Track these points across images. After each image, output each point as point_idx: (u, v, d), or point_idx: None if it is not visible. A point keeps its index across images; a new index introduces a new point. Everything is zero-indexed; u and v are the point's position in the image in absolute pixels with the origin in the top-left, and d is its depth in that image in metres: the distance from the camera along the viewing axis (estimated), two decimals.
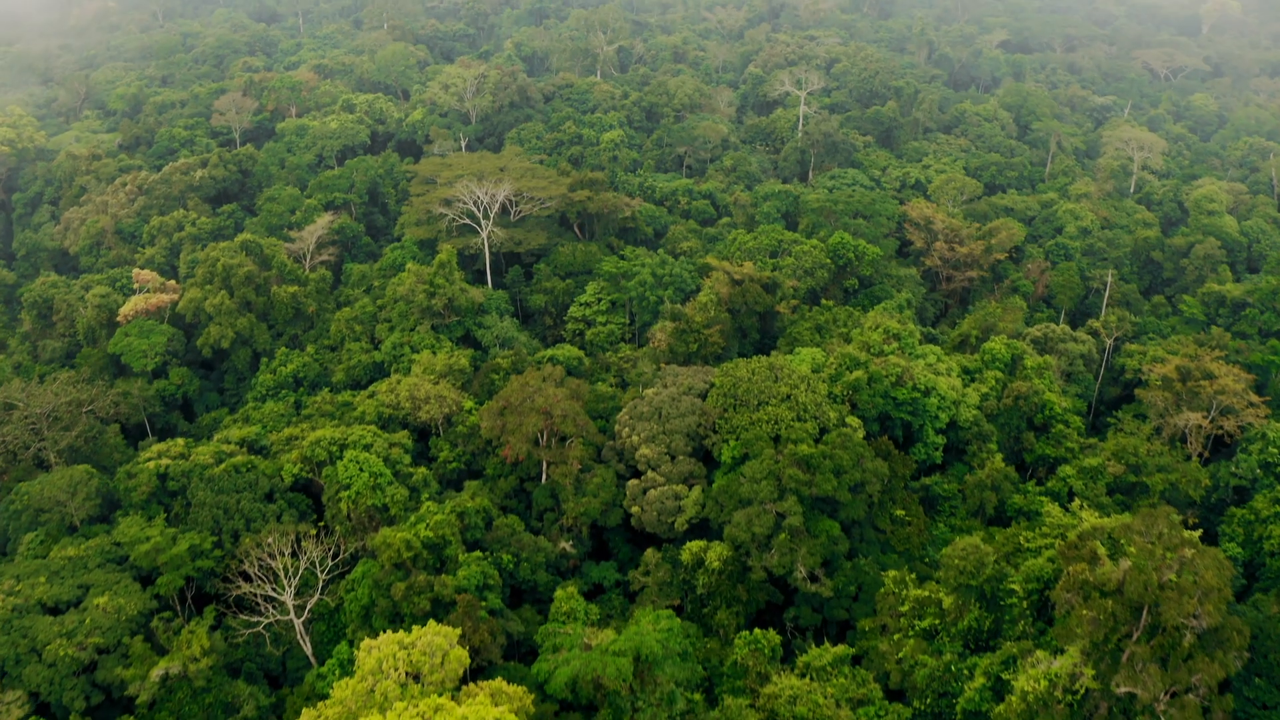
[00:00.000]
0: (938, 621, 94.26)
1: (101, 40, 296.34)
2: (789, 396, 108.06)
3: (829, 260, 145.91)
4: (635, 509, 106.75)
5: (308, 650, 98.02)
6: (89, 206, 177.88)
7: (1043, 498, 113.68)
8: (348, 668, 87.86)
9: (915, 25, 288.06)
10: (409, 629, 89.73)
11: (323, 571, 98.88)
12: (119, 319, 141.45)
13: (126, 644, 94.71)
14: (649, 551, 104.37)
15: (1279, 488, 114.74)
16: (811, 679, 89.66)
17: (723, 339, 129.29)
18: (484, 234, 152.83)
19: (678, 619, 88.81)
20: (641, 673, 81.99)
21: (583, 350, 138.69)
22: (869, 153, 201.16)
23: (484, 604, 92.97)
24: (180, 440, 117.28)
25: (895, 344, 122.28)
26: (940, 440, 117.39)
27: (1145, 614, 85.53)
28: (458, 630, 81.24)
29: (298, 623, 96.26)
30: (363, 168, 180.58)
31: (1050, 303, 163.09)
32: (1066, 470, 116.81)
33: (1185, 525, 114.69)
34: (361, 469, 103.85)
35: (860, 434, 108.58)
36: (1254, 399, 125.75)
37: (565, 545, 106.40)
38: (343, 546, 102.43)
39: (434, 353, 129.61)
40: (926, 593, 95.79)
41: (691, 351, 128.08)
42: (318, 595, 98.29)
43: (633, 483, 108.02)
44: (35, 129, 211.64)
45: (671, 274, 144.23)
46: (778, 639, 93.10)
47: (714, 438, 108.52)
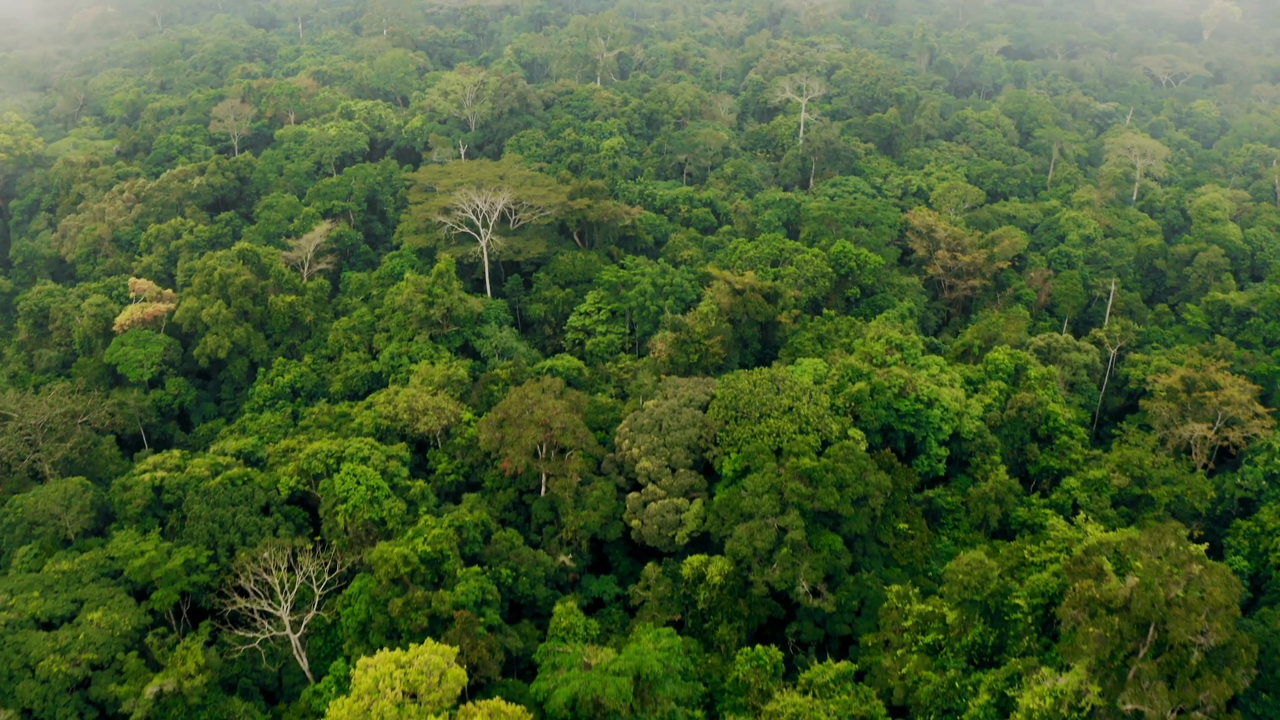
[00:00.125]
0: (941, 637, 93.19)
1: (100, 46, 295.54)
2: (791, 409, 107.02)
3: (830, 269, 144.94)
4: (635, 522, 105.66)
5: (304, 666, 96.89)
6: (86, 214, 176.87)
7: (1047, 510, 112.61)
8: (344, 685, 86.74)
9: (916, 31, 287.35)
10: (406, 645, 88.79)
11: (319, 586, 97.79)
12: (115, 328, 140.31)
13: (120, 660, 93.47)
14: (649, 566, 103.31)
15: None
16: (814, 696, 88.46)
17: (724, 349, 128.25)
18: (483, 242, 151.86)
19: (678, 637, 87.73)
20: (642, 692, 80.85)
21: (582, 360, 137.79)
22: (870, 160, 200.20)
23: (482, 620, 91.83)
24: (176, 452, 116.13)
25: (898, 355, 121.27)
26: (943, 452, 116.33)
27: (1152, 631, 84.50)
28: (455, 649, 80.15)
29: (294, 638, 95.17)
30: (361, 175, 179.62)
31: (1053, 311, 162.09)
32: (1071, 482, 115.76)
33: (1190, 538, 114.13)
34: (359, 482, 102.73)
35: (863, 446, 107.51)
36: (1259, 410, 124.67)
37: (565, 559, 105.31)
38: (339, 561, 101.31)
39: (432, 363, 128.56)
40: (930, 608, 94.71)
41: (692, 362, 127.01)
42: (314, 610, 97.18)
43: (633, 496, 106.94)
44: (32, 135, 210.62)
45: (672, 283, 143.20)
46: (780, 655, 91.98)
47: (715, 450, 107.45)
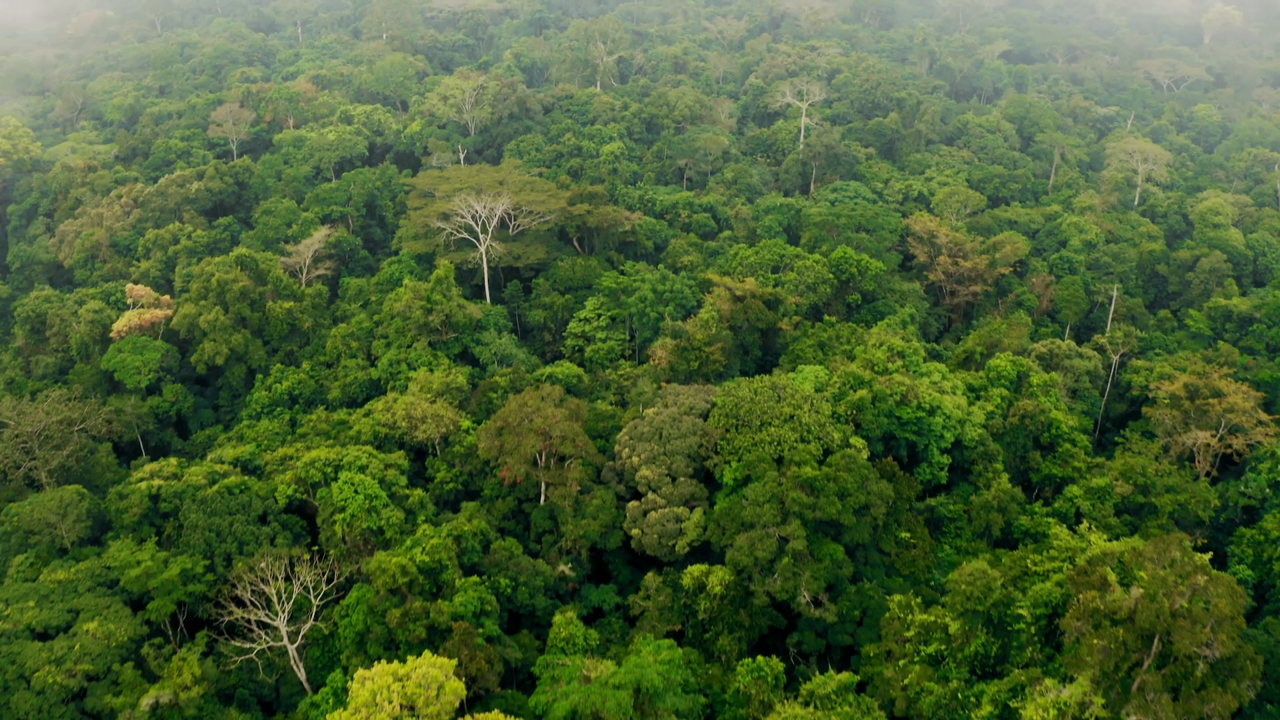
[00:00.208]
0: (944, 647, 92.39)
1: (99, 50, 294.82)
2: (792, 417, 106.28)
3: (831, 275, 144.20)
4: (635, 531, 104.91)
5: (302, 677, 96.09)
6: (84, 219, 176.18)
7: (1050, 519, 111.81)
8: (342, 697, 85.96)
9: (917, 35, 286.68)
10: (404, 656, 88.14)
11: (316, 596, 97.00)
12: (112, 335, 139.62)
13: (116, 671, 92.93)
14: (649, 575, 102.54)
15: None
16: (815, 708, 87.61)
17: (724, 357, 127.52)
18: (482, 248, 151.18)
19: (679, 649, 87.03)
20: (642, 705, 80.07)
21: (582, 367, 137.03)
22: (871, 165, 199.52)
23: (481, 631, 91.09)
24: (173, 460, 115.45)
25: (899, 362, 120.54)
26: (945, 460, 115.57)
27: (1156, 642, 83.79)
28: (453, 661, 79.38)
29: (291, 649, 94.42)
30: (360, 180, 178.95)
31: (1055, 317, 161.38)
32: (1074, 490, 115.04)
33: (1194, 546, 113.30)
34: (356, 491, 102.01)
35: (864, 455, 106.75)
36: (1263, 417, 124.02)
37: (564, 568, 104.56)
38: (337, 571, 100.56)
39: (431, 370, 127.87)
40: (932, 617, 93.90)
41: (693, 369, 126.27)
42: (312, 621, 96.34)
43: (633, 504, 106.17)
44: (31, 140, 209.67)
45: (672, 290, 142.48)
46: (781, 666, 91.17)
47: (716, 459, 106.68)
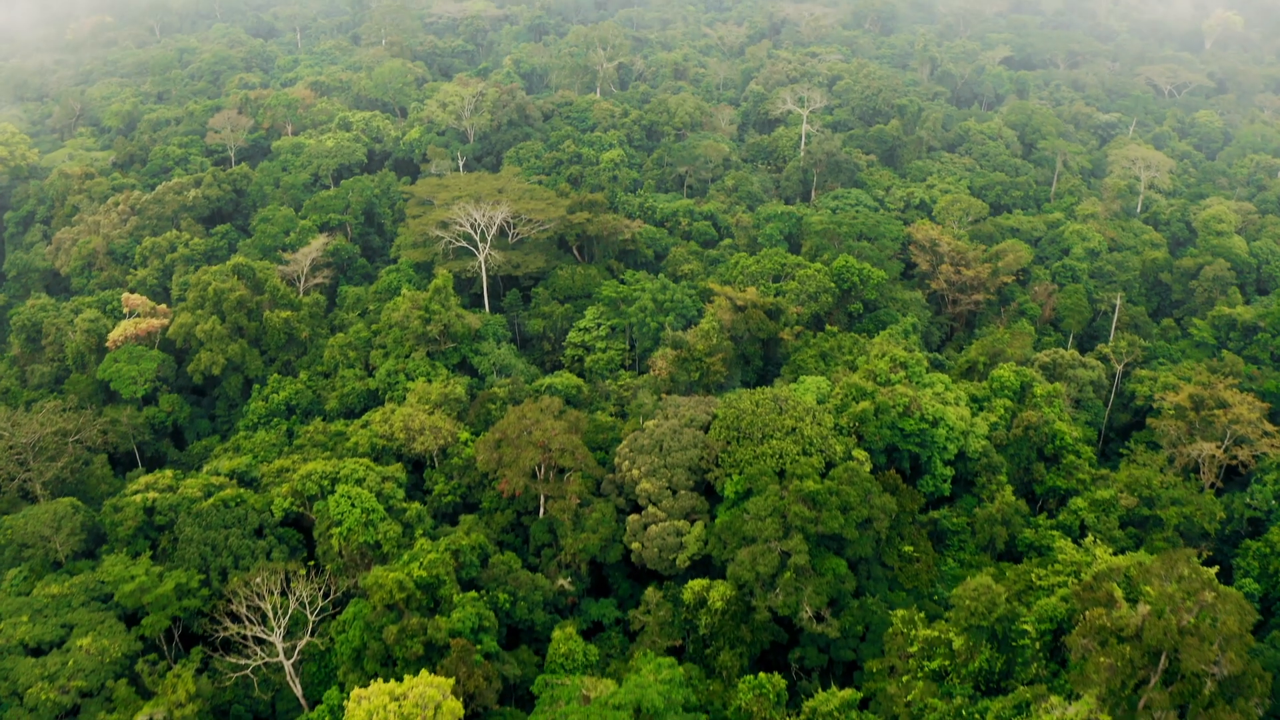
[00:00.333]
0: (948, 663, 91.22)
1: (97, 55, 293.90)
2: (794, 429, 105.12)
3: (833, 284, 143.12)
4: (635, 545, 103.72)
5: (298, 693, 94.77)
6: (81, 226, 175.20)
7: (1054, 532, 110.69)
8: (338, 714, 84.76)
9: (917, 42, 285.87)
10: (401, 673, 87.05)
11: (313, 611, 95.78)
12: (108, 344, 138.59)
13: (110, 688, 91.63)
14: (649, 590, 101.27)
15: None
16: None
17: (725, 367, 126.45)
18: (481, 257, 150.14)
19: (679, 667, 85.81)
20: None
21: (581, 378, 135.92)
22: (872, 172, 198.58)
23: (479, 647, 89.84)
24: (168, 472, 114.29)
25: (902, 372, 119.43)
26: (948, 472, 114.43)
27: (1163, 659, 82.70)
28: (451, 680, 78.20)
29: (287, 664, 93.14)
30: (358, 188, 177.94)
31: (1058, 326, 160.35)
32: (1078, 503, 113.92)
33: (1199, 559, 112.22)
34: (353, 504, 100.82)
35: (867, 467, 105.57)
36: (1268, 428, 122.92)
37: (563, 582, 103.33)
38: (334, 585, 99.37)
39: (429, 380, 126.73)
40: (936, 633, 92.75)
41: (693, 380, 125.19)
42: (308, 637, 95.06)
43: (633, 518, 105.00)
44: (28, 147, 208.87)
45: (673, 299, 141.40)
46: (783, 683, 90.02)
47: (717, 471, 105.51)
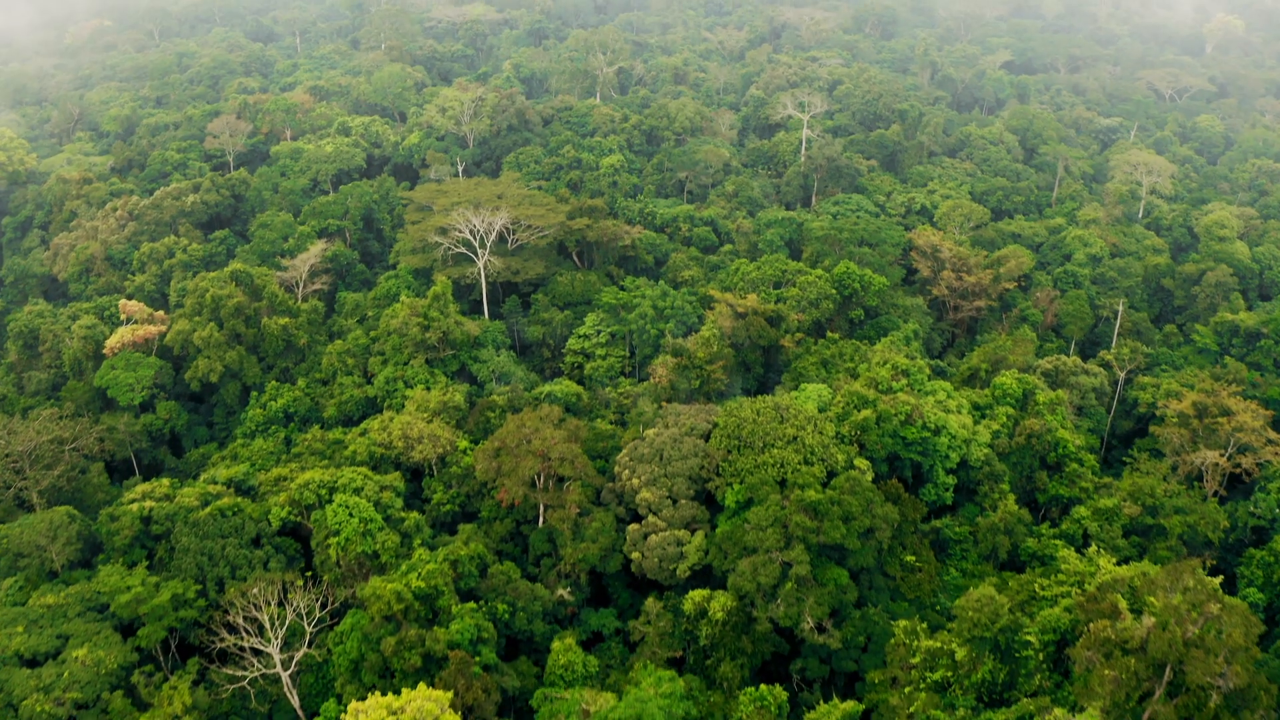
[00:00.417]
0: (950, 674, 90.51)
1: (96, 60, 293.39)
2: (795, 438, 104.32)
3: (834, 291, 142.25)
4: (635, 555, 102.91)
5: (295, 704, 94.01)
6: (79, 232, 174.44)
7: (1057, 541, 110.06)
8: None
9: (918, 46, 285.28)
10: (399, 685, 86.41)
11: (310, 622, 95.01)
12: (105, 351, 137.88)
13: (106, 700, 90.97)
14: (650, 600, 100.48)
15: None
16: None
17: (726, 375, 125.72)
18: (480, 263, 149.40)
19: (680, 680, 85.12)
20: None
21: (581, 385, 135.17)
22: (873, 177, 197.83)
23: (478, 659, 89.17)
24: (165, 481, 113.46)
25: (904, 380, 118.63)
26: (951, 480, 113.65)
27: (1168, 671, 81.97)
28: (449, 694, 77.47)
29: (285, 676, 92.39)
30: (357, 193, 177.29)
31: (1059, 332, 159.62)
32: (1081, 511, 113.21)
33: (1201, 565, 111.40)
34: (351, 514, 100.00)
35: (869, 476, 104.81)
36: (1272, 436, 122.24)
37: (563, 592, 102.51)
38: (331, 595, 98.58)
39: (428, 388, 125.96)
40: (938, 644, 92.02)
41: (694, 388, 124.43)
42: (305, 648, 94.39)
43: (633, 527, 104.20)
44: (26, 151, 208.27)
45: (673, 306, 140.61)
46: (784, 695, 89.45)
47: (717, 481, 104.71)
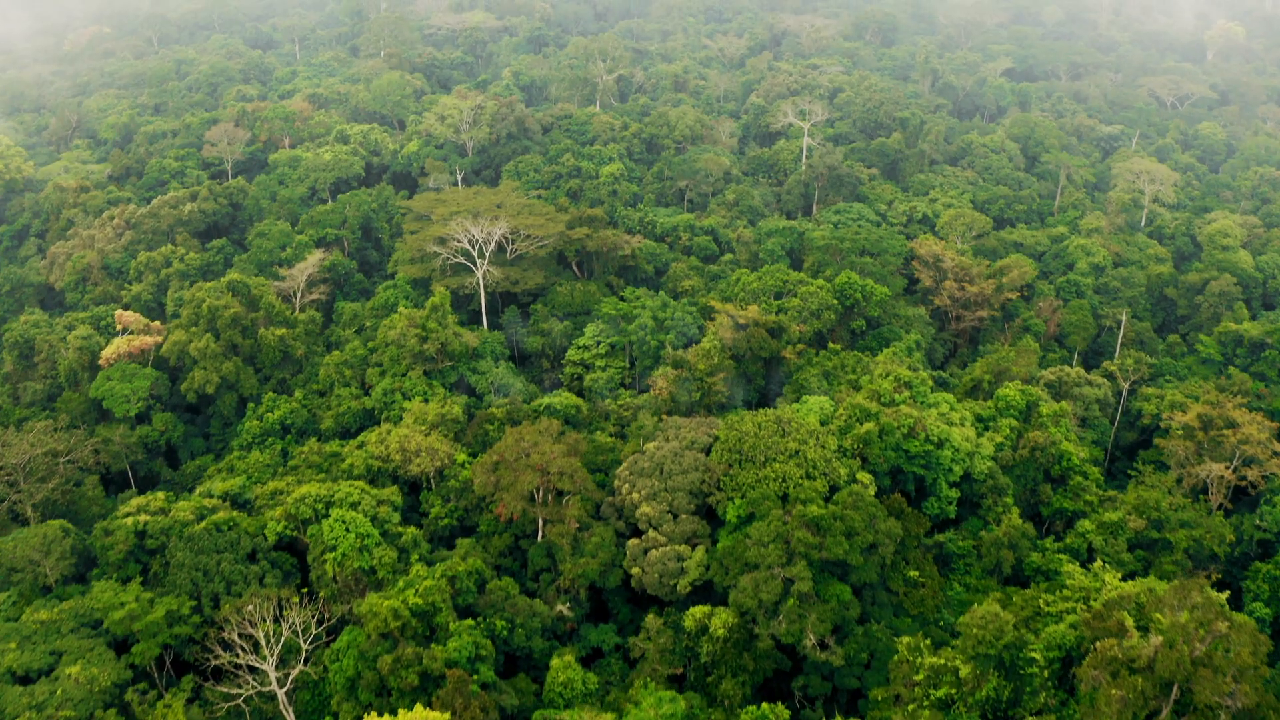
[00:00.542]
0: (954, 691, 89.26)
1: (95, 66, 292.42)
2: (797, 452, 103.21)
3: (835, 301, 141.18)
4: (636, 570, 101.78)
5: None
6: (75, 241, 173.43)
7: (1061, 555, 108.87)
8: None
9: (919, 53, 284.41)
10: (396, 703, 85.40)
11: (306, 640, 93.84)
12: (101, 362, 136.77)
13: (99, 717, 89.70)
14: (650, 617, 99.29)
15: None
16: None
17: (727, 387, 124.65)
18: (479, 273, 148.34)
19: (680, 700, 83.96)
20: None
21: (581, 397, 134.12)
22: (874, 185, 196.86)
23: (476, 677, 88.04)
24: (160, 494, 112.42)
25: (906, 392, 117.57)
26: (954, 494, 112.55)
27: (1175, 690, 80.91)
28: (446, 715, 76.34)
29: (280, 694, 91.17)
30: (356, 202, 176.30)
31: (1062, 342, 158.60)
32: (1086, 525, 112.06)
33: (1207, 578, 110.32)
34: (348, 529, 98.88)
35: (871, 490, 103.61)
36: (1278, 448, 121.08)
37: (562, 608, 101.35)
38: (327, 612, 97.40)
39: (426, 400, 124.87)
40: (942, 660, 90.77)
41: (694, 400, 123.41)
42: (301, 665, 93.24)
43: (633, 542, 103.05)
44: (23, 159, 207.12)
45: (673, 317, 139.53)
46: (786, 713, 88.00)
47: (718, 495, 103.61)
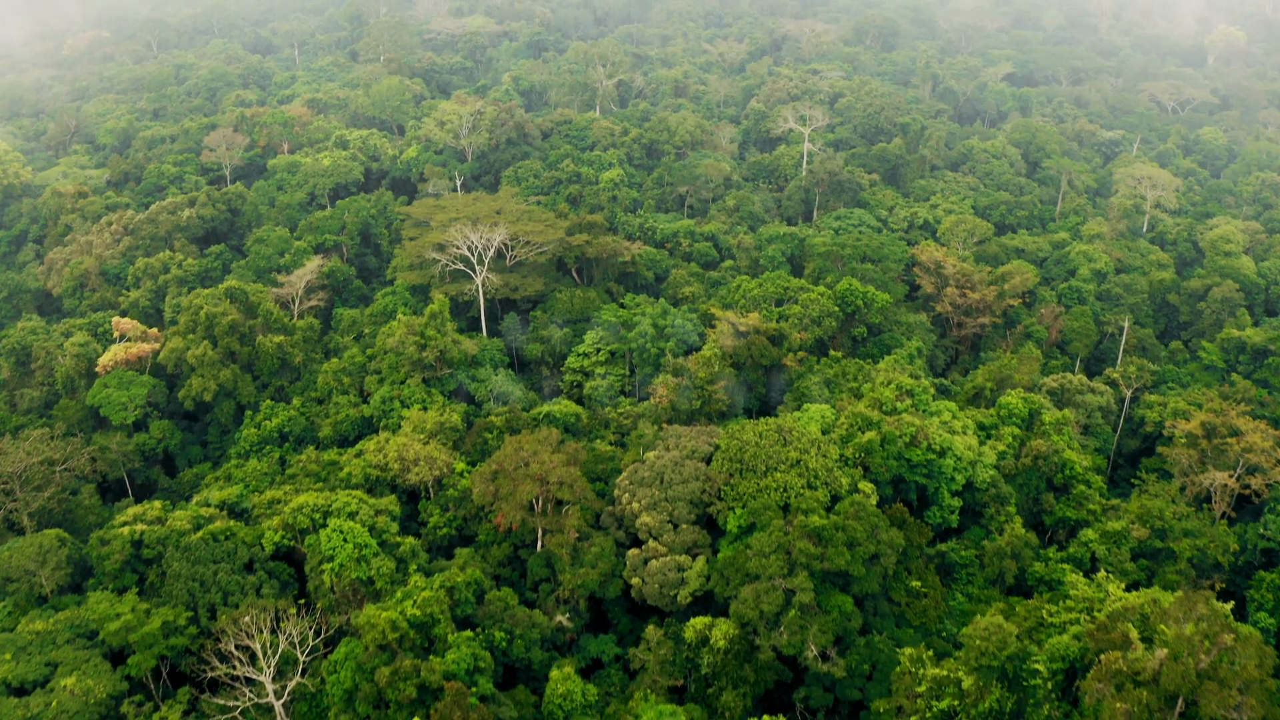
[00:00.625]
0: (957, 703, 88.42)
1: (94, 71, 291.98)
2: (798, 461, 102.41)
3: (837, 308, 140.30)
4: (636, 580, 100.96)
5: None
6: (73, 246, 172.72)
7: (1064, 565, 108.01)
8: None
9: (919, 58, 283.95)
10: (394, 716, 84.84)
11: (303, 651, 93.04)
12: (98, 369, 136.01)
13: None
14: (650, 628, 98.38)
15: None
16: None
17: (727, 395, 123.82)
18: (479, 280, 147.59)
19: (681, 713, 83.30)
20: None
21: (581, 404, 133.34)
22: (875, 191, 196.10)
23: (474, 689, 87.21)
24: (157, 503, 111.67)
25: (908, 400, 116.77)
26: (956, 503, 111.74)
27: (1180, 703, 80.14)
28: None
29: (278, 706, 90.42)
30: (355, 208, 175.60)
31: (1064, 349, 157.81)
32: (1089, 534, 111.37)
33: (1211, 588, 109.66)
34: (345, 539, 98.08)
35: (873, 500, 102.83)
36: None
37: (562, 619, 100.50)
38: (325, 623, 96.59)
39: (425, 408, 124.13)
40: (945, 672, 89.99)
41: (695, 409, 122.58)
42: (298, 677, 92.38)
43: (633, 552, 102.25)
44: (21, 164, 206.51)
45: (673, 325, 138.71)
46: None
47: (719, 505, 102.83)
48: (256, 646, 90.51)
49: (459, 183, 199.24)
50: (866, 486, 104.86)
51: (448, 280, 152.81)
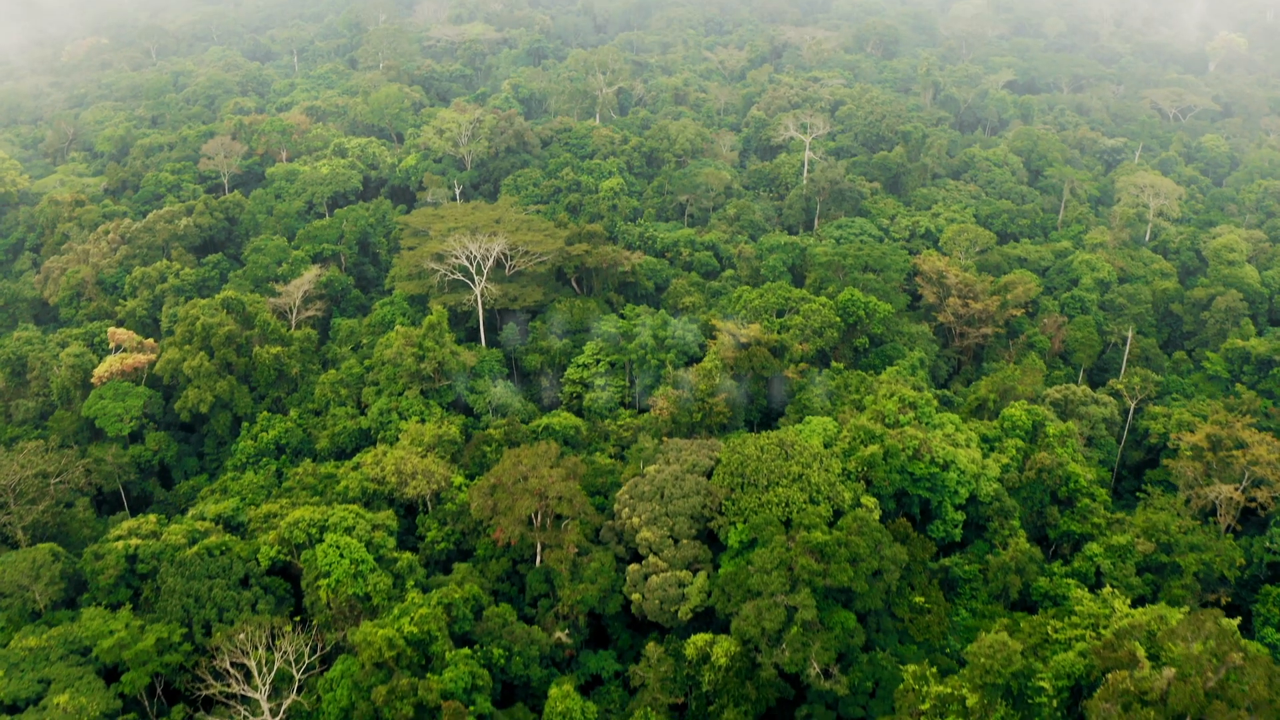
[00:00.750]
0: None
1: (92, 78, 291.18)
2: (800, 476, 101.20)
3: (838, 319, 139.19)
4: (636, 596, 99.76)
5: None
6: (70, 255, 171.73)
7: (1069, 580, 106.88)
8: None
9: (920, 66, 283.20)
10: None
11: (299, 669, 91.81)
12: (94, 380, 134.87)
13: None
14: (650, 645, 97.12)
15: None
16: None
17: (728, 408, 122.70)
18: (477, 290, 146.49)
19: None
20: None
21: (580, 416, 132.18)
22: (876, 200, 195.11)
23: (472, 708, 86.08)
24: (152, 517, 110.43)
25: (911, 413, 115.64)
26: (960, 517, 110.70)
27: None
28: None
29: None
30: (353, 217, 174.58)
31: (1067, 359, 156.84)
32: (1094, 548, 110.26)
33: (1217, 604, 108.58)
34: (342, 555, 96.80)
35: (876, 515, 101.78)
36: None
37: (561, 635, 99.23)
38: (321, 640, 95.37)
39: (423, 420, 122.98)
40: (949, 689, 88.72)
41: (695, 421, 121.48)
42: (294, 695, 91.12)
43: (633, 568, 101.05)
44: (18, 172, 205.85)
45: (674, 335, 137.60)
46: None
47: (720, 520, 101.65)
48: (252, 664, 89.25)
49: (458, 191, 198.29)
50: (869, 501, 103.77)
51: (446, 290, 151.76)
